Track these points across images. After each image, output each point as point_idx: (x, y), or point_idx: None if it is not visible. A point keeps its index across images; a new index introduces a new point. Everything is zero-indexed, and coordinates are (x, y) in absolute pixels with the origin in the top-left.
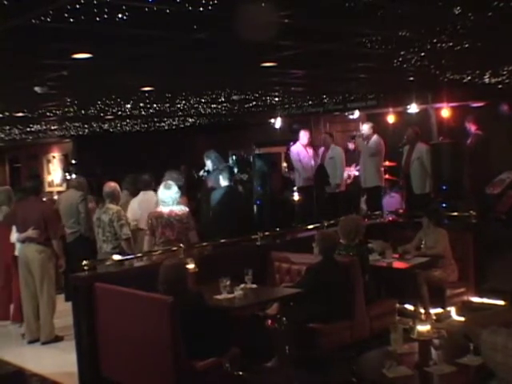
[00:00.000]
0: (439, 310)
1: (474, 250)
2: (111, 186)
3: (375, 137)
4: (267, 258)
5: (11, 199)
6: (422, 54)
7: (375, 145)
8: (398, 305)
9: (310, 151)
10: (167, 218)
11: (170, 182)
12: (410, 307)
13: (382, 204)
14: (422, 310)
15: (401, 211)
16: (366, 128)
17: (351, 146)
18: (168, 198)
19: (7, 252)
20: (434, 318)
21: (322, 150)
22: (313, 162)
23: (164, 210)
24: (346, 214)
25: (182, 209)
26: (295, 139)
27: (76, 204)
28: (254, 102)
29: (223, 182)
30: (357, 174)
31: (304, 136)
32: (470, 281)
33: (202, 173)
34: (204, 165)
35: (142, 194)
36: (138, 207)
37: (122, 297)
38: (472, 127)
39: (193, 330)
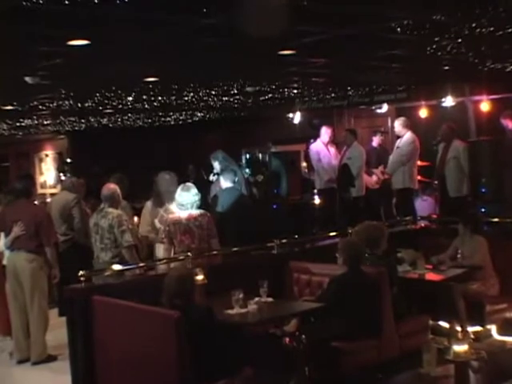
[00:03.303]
0: (478, 328)
1: None
2: (110, 188)
3: (407, 136)
4: (285, 269)
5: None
6: (459, 40)
7: (406, 147)
8: (431, 321)
9: (332, 150)
10: (186, 223)
11: (189, 184)
12: (444, 324)
13: (414, 208)
14: (459, 328)
15: (434, 216)
16: (397, 125)
17: (375, 142)
18: (186, 201)
19: None
20: (473, 336)
21: (345, 148)
22: (334, 162)
23: (182, 214)
24: (369, 220)
25: (202, 213)
26: (315, 136)
27: (69, 208)
28: (271, 95)
29: (224, 183)
30: (387, 177)
31: (325, 133)
32: None
33: (211, 177)
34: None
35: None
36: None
37: (122, 311)
38: (509, 124)
39: (201, 349)
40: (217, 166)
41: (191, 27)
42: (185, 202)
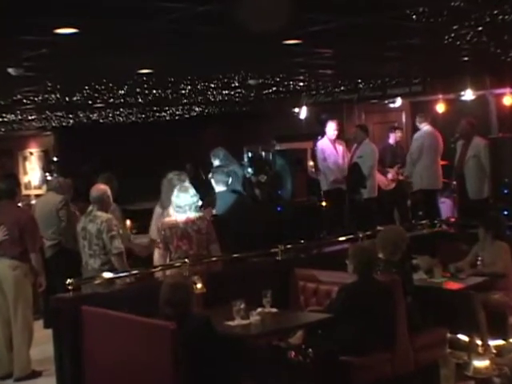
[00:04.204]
0: (500, 342)
1: None
2: (100, 189)
3: (423, 129)
4: (290, 277)
5: None
6: (480, 28)
7: (413, 143)
8: (448, 334)
9: (340, 148)
10: (183, 227)
11: (186, 184)
12: (463, 337)
13: (433, 212)
14: (479, 342)
15: (452, 220)
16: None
17: (392, 139)
18: (184, 203)
19: None
20: (494, 351)
21: (355, 146)
22: (341, 161)
23: (179, 217)
24: (381, 223)
25: (201, 216)
26: (323, 133)
27: (56, 210)
28: (275, 88)
29: (217, 187)
30: (401, 178)
31: (331, 128)
32: None
33: (210, 176)
34: (212, 164)
35: None
36: None
37: (113, 323)
38: None
39: (199, 363)
40: (217, 164)
41: (188, 14)
42: (182, 204)
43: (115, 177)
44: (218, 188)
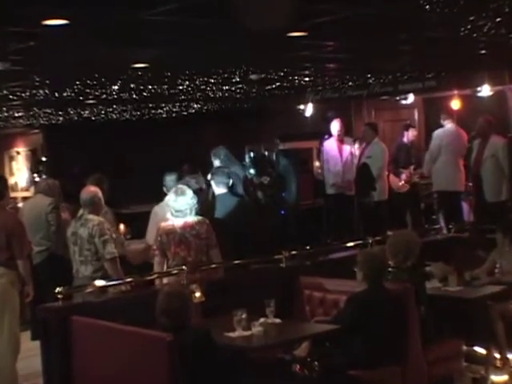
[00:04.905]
0: None
1: None
2: (91, 191)
3: (446, 127)
4: (294, 285)
5: None
6: (498, 19)
7: (432, 141)
8: (464, 347)
9: (347, 149)
10: (181, 233)
11: (183, 187)
12: (480, 350)
13: (440, 216)
14: (497, 355)
15: (468, 224)
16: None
17: (407, 138)
18: (184, 207)
19: None
20: None
21: (364, 145)
22: (342, 164)
23: (176, 222)
24: (392, 228)
25: (199, 220)
26: (330, 132)
27: (45, 213)
28: (278, 83)
29: (217, 189)
30: (416, 179)
31: (334, 127)
32: None
33: (209, 177)
34: (212, 165)
35: None
36: None
37: (105, 334)
38: None
39: (197, 377)
40: (217, 164)
41: (187, 4)
42: (183, 208)
43: (107, 178)
44: (218, 190)
